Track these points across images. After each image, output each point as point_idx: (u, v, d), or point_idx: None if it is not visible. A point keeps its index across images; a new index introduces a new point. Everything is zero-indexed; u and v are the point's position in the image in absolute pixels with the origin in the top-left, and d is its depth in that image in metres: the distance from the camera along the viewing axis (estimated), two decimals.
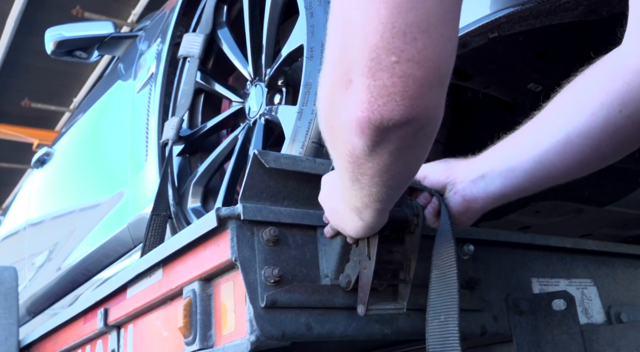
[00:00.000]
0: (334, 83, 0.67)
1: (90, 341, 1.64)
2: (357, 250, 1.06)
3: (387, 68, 0.61)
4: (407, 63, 0.61)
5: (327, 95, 0.70)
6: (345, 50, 0.64)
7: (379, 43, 0.60)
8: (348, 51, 0.63)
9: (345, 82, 0.65)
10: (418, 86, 0.62)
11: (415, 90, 0.62)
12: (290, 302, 1.03)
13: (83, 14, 7.67)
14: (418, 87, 0.62)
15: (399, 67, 0.61)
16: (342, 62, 0.65)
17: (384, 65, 0.61)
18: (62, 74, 8.84)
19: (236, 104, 1.89)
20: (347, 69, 0.64)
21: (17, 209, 3.85)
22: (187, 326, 1.11)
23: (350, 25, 0.63)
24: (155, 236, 1.78)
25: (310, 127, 1.42)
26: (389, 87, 0.62)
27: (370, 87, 0.63)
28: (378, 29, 0.60)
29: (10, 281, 2.07)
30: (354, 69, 0.63)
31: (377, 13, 0.60)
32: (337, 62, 0.66)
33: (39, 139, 9.33)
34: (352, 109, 0.65)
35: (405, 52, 0.60)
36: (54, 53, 2.75)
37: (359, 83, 0.63)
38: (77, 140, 3.06)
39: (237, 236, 1.03)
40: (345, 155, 0.74)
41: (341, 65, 0.65)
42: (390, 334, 1.12)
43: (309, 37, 1.49)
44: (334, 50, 0.67)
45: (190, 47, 1.93)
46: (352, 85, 0.64)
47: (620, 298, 1.53)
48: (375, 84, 0.62)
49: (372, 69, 0.62)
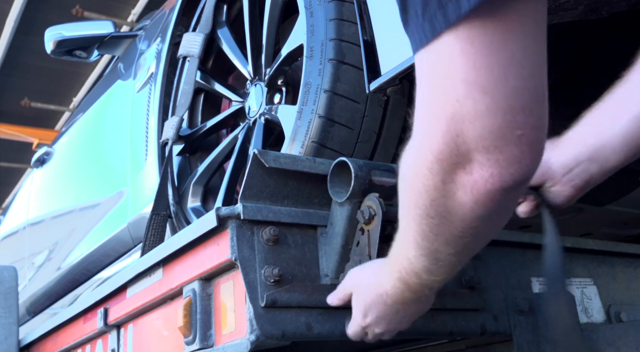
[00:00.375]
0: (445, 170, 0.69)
1: (90, 340, 1.64)
2: (357, 249, 1.06)
3: (515, 142, 0.65)
4: (532, 131, 0.65)
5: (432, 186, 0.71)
6: (460, 137, 0.65)
7: (502, 124, 0.64)
8: (465, 137, 0.65)
9: (464, 164, 0.67)
10: (542, 144, 0.68)
11: (540, 148, 0.68)
12: (290, 301, 1.03)
13: (83, 13, 7.67)
14: (542, 144, 0.68)
15: (525, 138, 0.65)
16: (458, 148, 0.66)
17: (511, 140, 0.65)
18: (62, 73, 8.84)
19: (236, 104, 1.89)
20: (466, 152, 0.66)
21: (17, 209, 3.85)
22: (187, 326, 1.11)
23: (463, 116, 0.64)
24: (155, 236, 1.78)
25: (310, 127, 1.42)
26: (518, 156, 0.66)
27: (499, 161, 0.66)
28: (498, 114, 0.63)
29: (10, 281, 2.07)
30: (477, 150, 0.66)
31: (494, 101, 0.63)
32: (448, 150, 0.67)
33: (38, 138, 9.33)
34: (478, 184, 0.68)
35: (528, 124, 0.65)
36: (54, 52, 2.75)
37: (484, 161, 0.66)
38: (77, 140, 3.06)
39: (237, 235, 1.03)
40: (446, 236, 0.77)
41: (457, 151, 0.67)
42: None
43: (309, 37, 1.49)
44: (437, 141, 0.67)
45: (190, 47, 1.93)
46: (475, 164, 0.67)
47: (620, 297, 1.53)
48: (504, 158, 0.66)
49: (499, 146, 0.65)
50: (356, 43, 1.42)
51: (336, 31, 1.44)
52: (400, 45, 1.19)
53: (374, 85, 1.24)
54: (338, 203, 1.08)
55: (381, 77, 1.22)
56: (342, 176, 1.08)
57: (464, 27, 0.62)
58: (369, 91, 1.26)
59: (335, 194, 1.08)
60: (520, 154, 0.65)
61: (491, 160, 0.66)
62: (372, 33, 1.26)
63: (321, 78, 1.42)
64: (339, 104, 1.41)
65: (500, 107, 0.63)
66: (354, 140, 1.44)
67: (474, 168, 0.67)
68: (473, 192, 0.69)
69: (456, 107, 0.64)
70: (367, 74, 1.26)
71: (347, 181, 1.06)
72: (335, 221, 1.09)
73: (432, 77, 0.67)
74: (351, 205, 1.06)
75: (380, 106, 1.46)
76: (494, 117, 0.63)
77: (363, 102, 1.43)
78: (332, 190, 1.09)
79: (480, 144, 0.65)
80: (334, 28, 1.45)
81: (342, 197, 1.07)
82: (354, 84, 1.42)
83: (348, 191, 1.05)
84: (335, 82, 1.41)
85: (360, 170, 1.05)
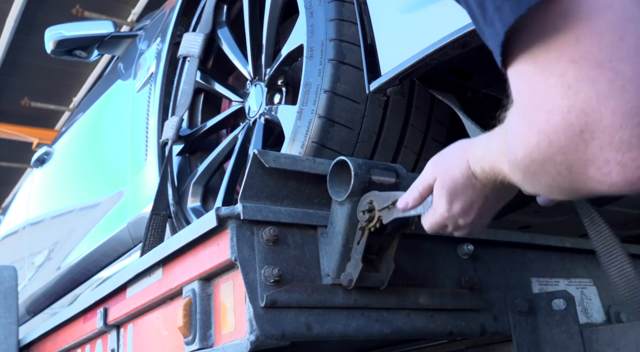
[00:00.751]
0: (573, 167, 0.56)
1: (89, 340, 1.64)
2: (358, 248, 1.07)
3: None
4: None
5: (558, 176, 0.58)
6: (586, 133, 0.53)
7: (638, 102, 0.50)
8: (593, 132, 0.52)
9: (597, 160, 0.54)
10: None
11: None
12: (289, 301, 1.03)
13: (83, 13, 7.66)
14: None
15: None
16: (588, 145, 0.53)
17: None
18: (62, 73, 8.84)
19: (236, 104, 1.89)
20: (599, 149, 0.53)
21: (17, 208, 3.85)
22: (187, 326, 1.11)
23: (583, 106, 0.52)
24: (155, 236, 1.78)
25: (310, 127, 1.42)
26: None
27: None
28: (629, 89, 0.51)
29: (10, 280, 2.07)
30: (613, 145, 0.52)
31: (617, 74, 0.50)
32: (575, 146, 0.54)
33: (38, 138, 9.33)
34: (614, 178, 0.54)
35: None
36: (54, 52, 2.75)
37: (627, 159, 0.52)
38: (76, 140, 3.06)
39: (237, 235, 1.03)
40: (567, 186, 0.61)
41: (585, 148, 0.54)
42: (389, 333, 1.12)
43: (309, 37, 1.49)
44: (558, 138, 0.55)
45: (190, 47, 1.93)
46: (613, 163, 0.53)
47: (620, 298, 1.53)
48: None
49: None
50: (356, 43, 1.42)
51: (336, 31, 1.44)
52: (400, 45, 1.19)
53: (374, 86, 1.24)
54: (338, 202, 1.08)
55: (381, 78, 1.22)
56: (341, 176, 1.08)
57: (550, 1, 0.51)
58: (369, 91, 1.25)
59: (335, 194, 1.08)
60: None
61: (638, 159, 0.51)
62: (372, 33, 1.26)
63: (321, 78, 1.42)
64: (339, 104, 1.41)
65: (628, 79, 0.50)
66: (354, 140, 1.44)
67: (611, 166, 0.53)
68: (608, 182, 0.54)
69: (570, 97, 0.52)
70: (367, 74, 1.26)
71: (346, 180, 1.06)
72: (335, 221, 1.09)
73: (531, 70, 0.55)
74: (351, 204, 1.06)
75: (380, 106, 1.46)
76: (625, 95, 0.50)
77: (363, 102, 1.43)
78: (332, 189, 1.09)
79: (617, 136, 0.51)
80: (334, 28, 1.45)
81: (341, 196, 1.07)
82: (354, 84, 1.42)
83: (348, 190, 1.05)
84: (335, 83, 1.41)
85: (360, 169, 1.05)
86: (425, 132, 1.55)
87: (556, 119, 0.53)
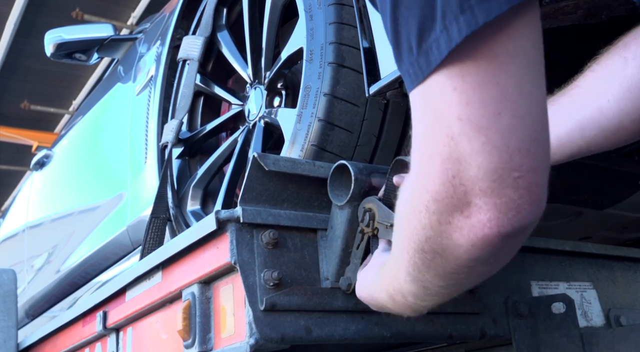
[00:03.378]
0: (442, 211, 0.66)
1: (89, 343, 1.64)
2: (357, 253, 1.06)
3: (512, 184, 0.62)
4: (529, 174, 0.62)
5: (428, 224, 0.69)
6: (456, 178, 0.63)
7: (498, 165, 0.61)
8: (461, 178, 0.63)
9: (461, 207, 0.65)
10: (541, 188, 0.64)
11: (539, 192, 0.64)
12: (289, 305, 1.03)
13: (83, 16, 7.67)
14: (541, 188, 0.64)
15: (522, 180, 0.62)
16: (455, 190, 0.64)
17: (508, 183, 0.62)
18: (61, 76, 8.84)
19: (236, 107, 1.90)
20: (463, 194, 0.64)
21: (16, 212, 3.85)
22: (187, 329, 1.11)
23: (458, 156, 0.62)
24: (155, 239, 1.78)
25: (310, 130, 1.42)
26: (516, 200, 0.63)
27: (497, 205, 0.63)
28: (494, 153, 0.61)
29: (9, 284, 2.07)
30: (473, 193, 0.63)
31: (489, 139, 0.61)
32: (445, 191, 0.65)
33: (38, 141, 9.34)
34: (475, 229, 0.65)
35: (525, 165, 0.62)
36: (54, 55, 2.75)
37: (481, 204, 0.64)
38: (76, 143, 3.06)
39: (237, 238, 1.03)
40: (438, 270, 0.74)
41: (453, 192, 0.64)
42: (389, 337, 1.12)
43: (309, 40, 1.49)
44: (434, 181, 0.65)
45: (189, 50, 1.94)
46: (473, 207, 0.64)
47: (620, 301, 1.53)
48: (501, 202, 0.63)
49: (496, 189, 0.62)
50: (356, 46, 1.42)
51: (336, 34, 1.44)
52: None
53: (374, 89, 1.24)
54: (338, 206, 1.08)
55: (381, 81, 1.22)
56: (342, 179, 1.08)
57: (456, 62, 0.60)
58: (368, 95, 1.26)
59: (335, 197, 1.08)
60: (518, 198, 0.63)
61: (489, 204, 0.63)
62: (372, 37, 1.26)
63: (321, 81, 1.42)
64: (339, 107, 1.41)
65: (495, 146, 0.61)
66: (353, 143, 1.44)
67: (472, 211, 0.64)
68: (470, 236, 0.66)
69: (451, 146, 0.62)
70: (366, 77, 1.26)
71: (347, 184, 1.06)
72: (335, 224, 1.09)
73: (427, 115, 0.65)
74: (351, 208, 1.06)
75: (380, 109, 1.46)
76: (490, 157, 0.61)
77: (363, 105, 1.43)
78: (332, 193, 1.09)
79: (477, 185, 0.62)
80: (334, 31, 1.45)
81: (342, 200, 1.07)
82: (354, 88, 1.42)
83: (348, 194, 1.05)
84: (334, 86, 1.41)
85: (361, 174, 1.05)
86: None
87: (435, 164, 0.64)
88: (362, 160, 1.46)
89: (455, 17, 0.59)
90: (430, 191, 0.66)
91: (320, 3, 1.50)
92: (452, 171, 0.63)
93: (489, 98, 0.60)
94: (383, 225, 1.02)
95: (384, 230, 1.02)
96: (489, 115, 0.60)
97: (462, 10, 0.58)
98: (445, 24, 0.59)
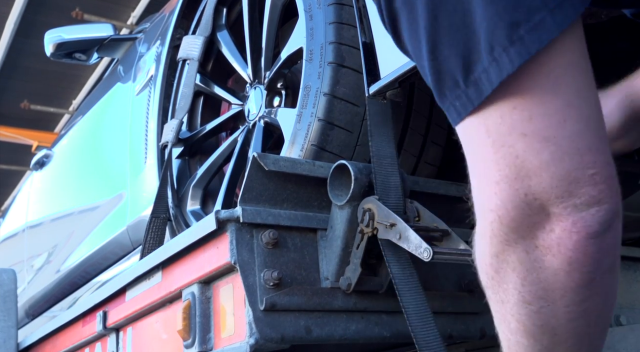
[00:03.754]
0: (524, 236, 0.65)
1: (89, 343, 1.64)
2: (357, 252, 1.06)
3: (589, 182, 0.63)
4: (604, 167, 0.64)
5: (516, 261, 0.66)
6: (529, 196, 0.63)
7: (571, 167, 0.62)
8: (535, 193, 0.63)
9: (542, 223, 0.64)
10: (615, 178, 0.66)
11: (614, 183, 0.66)
12: (289, 305, 1.03)
13: (82, 16, 7.67)
14: (615, 179, 0.66)
15: (598, 176, 0.63)
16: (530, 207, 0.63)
17: (585, 181, 0.62)
18: (61, 76, 8.84)
19: (235, 107, 1.89)
20: (540, 208, 0.63)
21: (16, 211, 3.84)
22: (186, 329, 1.11)
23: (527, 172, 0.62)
24: (155, 239, 1.77)
25: (310, 130, 1.42)
26: (595, 196, 0.64)
27: (577, 206, 0.63)
28: (565, 158, 0.62)
29: (9, 283, 2.07)
30: (550, 202, 0.63)
31: (558, 147, 0.62)
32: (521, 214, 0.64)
33: (38, 140, 9.33)
34: (564, 240, 0.63)
35: (598, 161, 0.63)
36: (54, 55, 2.75)
37: (561, 210, 0.63)
38: (76, 143, 3.06)
39: (237, 238, 1.03)
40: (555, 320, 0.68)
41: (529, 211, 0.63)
42: (389, 337, 1.12)
43: (309, 40, 1.49)
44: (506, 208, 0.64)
45: (189, 50, 1.93)
46: (553, 218, 0.63)
47: (620, 301, 1.53)
48: (581, 201, 0.63)
49: (574, 191, 0.62)
50: (356, 46, 1.42)
51: (336, 34, 1.44)
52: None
53: (374, 89, 1.24)
54: (338, 206, 1.08)
55: (381, 81, 1.22)
56: (342, 179, 1.08)
57: (512, 85, 0.61)
58: (368, 94, 1.26)
59: (335, 197, 1.08)
60: (598, 193, 0.63)
61: (569, 207, 0.62)
62: (372, 36, 1.26)
63: (321, 81, 1.42)
64: (339, 107, 1.41)
65: (565, 152, 0.62)
66: (353, 143, 1.44)
67: (554, 222, 0.63)
68: (562, 251, 0.64)
69: (518, 165, 0.62)
70: (366, 77, 1.26)
71: (347, 184, 1.06)
72: (335, 224, 1.09)
73: (483, 142, 0.64)
74: (351, 208, 1.06)
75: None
76: (562, 163, 0.62)
77: (362, 105, 1.43)
78: (332, 193, 1.09)
79: (553, 194, 0.62)
80: (334, 31, 1.45)
81: (342, 200, 1.07)
82: (354, 87, 1.42)
83: (348, 194, 1.05)
84: (334, 85, 1.41)
85: (360, 174, 1.05)
86: (425, 135, 1.55)
87: (504, 189, 0.63)
88: (362, 160, 1.46)
89: (504, 49, 0.60)
90: (504, 222, 0.64)
91: (320, 3, 1.50)
92: (524, 189, 0.63)
93: (552, 109, 0.61)
94: (382, 225, 1.02)
95: (383, 230, 1.02)
96: (555, 125, 0.61)
97: (511, 42, 0.60)
98: (494, 56, 0.61)
